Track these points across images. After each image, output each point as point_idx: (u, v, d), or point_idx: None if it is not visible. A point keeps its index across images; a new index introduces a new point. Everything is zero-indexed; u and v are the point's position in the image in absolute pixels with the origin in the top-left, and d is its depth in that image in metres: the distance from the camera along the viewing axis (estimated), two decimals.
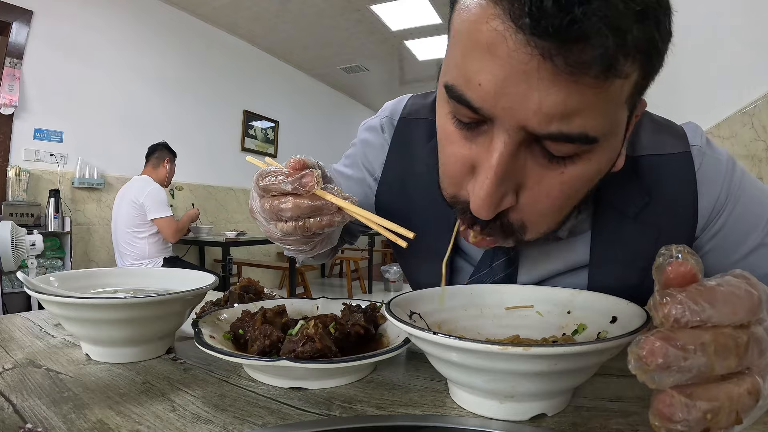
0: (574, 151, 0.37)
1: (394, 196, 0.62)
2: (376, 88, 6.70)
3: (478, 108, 0.35)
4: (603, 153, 0.38)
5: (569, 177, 0.38)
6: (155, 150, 2.99)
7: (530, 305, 0.47)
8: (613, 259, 0.51)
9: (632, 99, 0.37)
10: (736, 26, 1.31)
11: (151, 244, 2.82)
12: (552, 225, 0.43)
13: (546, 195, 0.39)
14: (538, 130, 0.34)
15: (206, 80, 4.35)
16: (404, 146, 0.61)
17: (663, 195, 0.50)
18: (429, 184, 0.52)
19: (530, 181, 0.39)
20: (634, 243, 0.50)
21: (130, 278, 0.63)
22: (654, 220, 0.50)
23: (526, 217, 0.41)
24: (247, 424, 0.34)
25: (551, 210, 0.41)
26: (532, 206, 0.40)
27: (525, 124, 0.34)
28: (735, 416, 0.22)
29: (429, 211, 0.57)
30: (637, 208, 0.50)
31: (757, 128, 1.13)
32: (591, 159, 0.38)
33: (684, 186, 0.50)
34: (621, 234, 0.50)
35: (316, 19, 4.35)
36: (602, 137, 0.36)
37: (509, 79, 0.33)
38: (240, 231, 3.84)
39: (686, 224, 0.50)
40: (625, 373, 0.44)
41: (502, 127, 0.35)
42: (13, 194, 2.82)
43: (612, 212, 0.51)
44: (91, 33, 3.32)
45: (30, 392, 0.39)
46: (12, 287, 2.64)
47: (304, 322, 0.46)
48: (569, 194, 0.40)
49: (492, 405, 0.34)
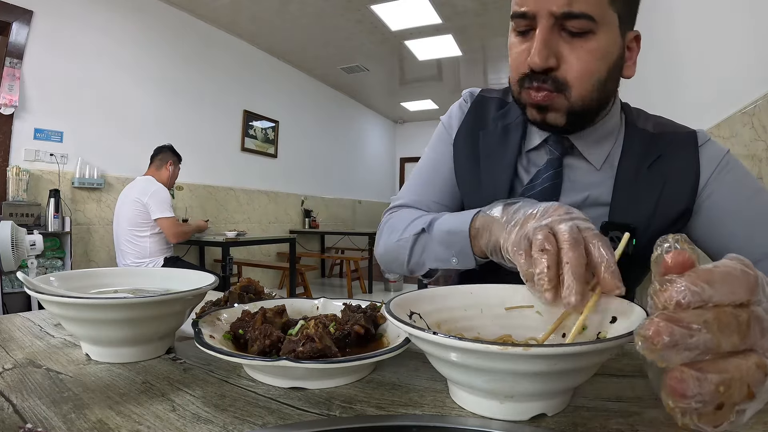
0: (585, 27, 0.56)
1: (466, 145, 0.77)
2: (376, 88, 6.70)
3: (526, 11, 0.58)
4: (604, 36, 0.58)
5: (588, 49, 0.58)
6: (160, 152, 2.99)
7: (530, 305, 0.47)
8: (628, 199, 0.65)
9: (620, 6, 0.58)
10: (736, 26, 1.31)
11: (153, 243, 2.83)
12: (587, 92, 0.60)
13: (576, 59, 0.58)
14: (558, 11, 0.56)
15: (206, 80, 4.35)
16: (480, 109, 0.79)
17: (671, 156, 0.65)
18: (494, 136, 0.74)
19: (564, 50, 0.58)
20: (646, 188, 0.64)
21: (130, 278, 0.63)
22: (662, 173, 0.65)
23: (568, 75, 0.59)
24: (247, 424, 0.34)
25: (583, 72, 0.58)
26: (570, 67, 0.58)
27: (551, 9, 0.56)
28: (747, 390, 0.23)
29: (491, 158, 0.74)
30: (650, 160, 0.65)
31: (757, 128, 1.13)
32: (598, 38, 0.57)
33: (688, 153, 0.65)
34: (637, 179, 0.65)
35: (316, 19, 4.35)
36: (599, 19, 0.56)
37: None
38: (240, 231, 3.84)
39: (688, 185, 0.64)
40: (625, 373, 0.44)
41: (540, 19, 0.57)
42: (13, 194, 2.82)
43: (632, 161, 0.66)
44: (91, 33, 3.32)
45: (30, 392, 0.39)
46: (12, 287, 2.64)
47: (304, 322, 0.46)
48: (593, 63, 0.58)
49: (492, 405, 0.34)
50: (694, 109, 1.68)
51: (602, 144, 0.68)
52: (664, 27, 2.03)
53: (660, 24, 2.06)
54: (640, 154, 0.66)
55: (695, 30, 1.69)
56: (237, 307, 0.53)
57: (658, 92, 2.11)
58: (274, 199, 5.36)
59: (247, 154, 4.94)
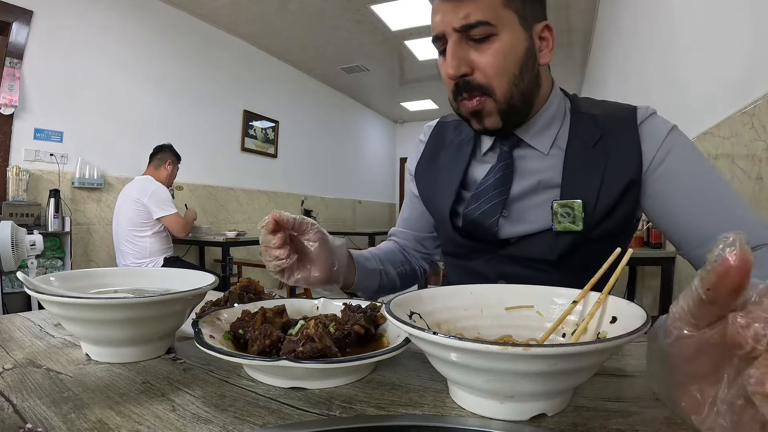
0: (486, 32, 0.65)
1: (428, 169, 0.86)
2: (376, 88, 6.70)
3: (437, 34, 0.68)
4: (506, 36, 0.65)
5: (494, 49, 0.65)
6: (159, 151, 2.99)
7: (530, 305, 0.47)
8: (576, 177, 0.70)
9: (516, 5, 0.65)
10: (736, 26, 1.31)
11: (153, 243, 2.82)
12: (506, 89, 0.67)
13: (486, 62, 0.66)
14: (459, 25, 0.65)
15: (206, 80, 4.35)
16: (440, 134, 0.88)
17: (612, 134, 0.70)
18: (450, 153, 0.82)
19: (474, 56, 0.66)
20: (591, 165, 0.69)
21: (130, 278, 0.63)
22: (606, 150, 0.69)
23: (486, 77, 0.66)
24: (247, 424, 0.34)
25: (497, 72, 0.66)
26: (484, 70, 0.66)
27: (453, 26, 0.65)
28: None
29: (448, 170, 0.81)
30: (593, 140, 0.70)
31: (757, 128, 1.13)
32: (501, 38, 0.65)
33: (629, 129, 0.69)
34: (583, 157, 0.70)
35: (316, 19, 4.35)
36: (496, 22, 0.64)
37: (440, 14, 0.67)
38: (240, 231, 3.84)
39: (630, 159, 0.68)
40: (625, 373, 0.44)
41: (448, 36, 0.67)
42: (13, 194, 2.82)
43: (578, 143, 0.72)
44: (91, 33, 3.32)
45: (30, 392, 0.39)
46: (12, 287, 2.64)
47: (304, 322, 0.46)
48: (501, 61, 0.66)
49: (492, 405, 0.34)
50: (694, 109, 1.68)
51: (546, 131, 0.73)
52: (664, 27, 2.03)
53: (660, 24, 2.06)
54: (584, 136, 0.71)
55: (695, 30, 1.69)
56: (237, 307, 0.53)
57: (658, 92, 2.11)
58: (274, 199, 5.36)
59: (247, 154, 4.94)
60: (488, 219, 0.72)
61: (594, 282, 0.46)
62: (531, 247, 0.71)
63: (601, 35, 4.08)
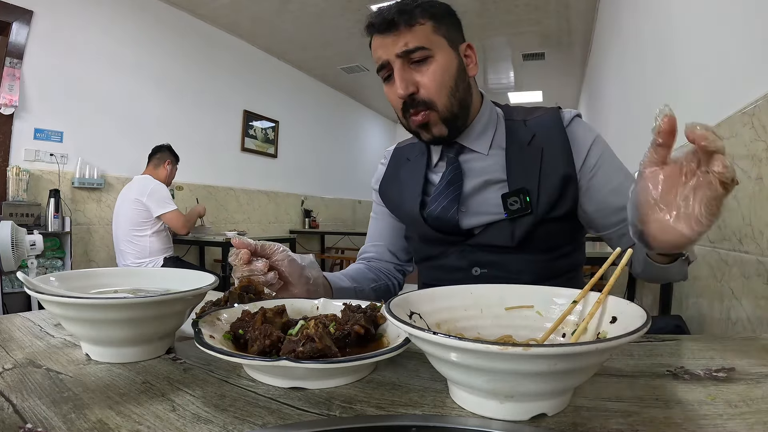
0: (423, 55, 0.77)
1: (392, 185, 0.97)
2: (376, 88, 6.69)
3: (382, 62, 0.79)
4: (441, 56, 0.78)
5: (433, 69, 0.77)
6: (158, 151, 2.99)
7: (530, 305, 0.47)
8: (518, 170, 0.81)
9: (443, 31, 0.78)
10: (736, 26, 1.31)
11: (154, 242, 2.82)
12: (446, 100, 0.78)
13: (428, 80, 0.77)
14: (400, 51, 0.76)
15: (206, 80, 4.35)
16: (399, 156, 0.99)
17: (542, 134, 0.82)
18: (407, 169, 0.94)
19: (417, 77, 0.78)
20: (529, 159, 0.81)
21: (130, 278, 0.63)
22: (539, 146, 0.81)
23: (429, 95, 0.78)
24: (247, 424, 0.34)
25: (438, 88, 0.78)
26: (428, 88, 0.77)
27: (396, 53, 0.77)
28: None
29: (407, 182, 0.93)
30: (528, 139, 0.83)
31: (757, 128, 1.13)
32: (437, 60, 0.77)
33: (556, 129, 0.82)
34: (521, 154, 0.82)
35: (316, 19, 4.35)
36: (430, 46, 0.77)
37: (382, 47, 0.79)
38: (240, 231, 3.84)
39: (561, 154, 0.80)
40: (625, 373, 0.44)
41: (392, 63, 0.78)
42: (13, 194, 2.82)
43: (515, 144, 0.83)
44: (91, 33, 3.31)
45: (30, 392, 0.39)
46: (12, 287, 2.64)
47: (304, 322, 0.46)
48: (440, 78, 0.77)
49: (492, 405, 0.34)
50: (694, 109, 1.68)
51: (483, 135, 0.85)
52: (664, 27, 2.03)
53: (660, 24, 2.06)
54: (520, 137, 0.84)
55: (695, 30, 1.69)
56: (237, 307, 0.53)
57: (658, 92, 2.11)
58: (274, 199, 5.36)
59: (247, 154, 4.94)
60: (448, 212, 0.82)
61: (594, 282, 0.46)
62: (493, 235, 0.81)
63: (601, 35, 4.08)
